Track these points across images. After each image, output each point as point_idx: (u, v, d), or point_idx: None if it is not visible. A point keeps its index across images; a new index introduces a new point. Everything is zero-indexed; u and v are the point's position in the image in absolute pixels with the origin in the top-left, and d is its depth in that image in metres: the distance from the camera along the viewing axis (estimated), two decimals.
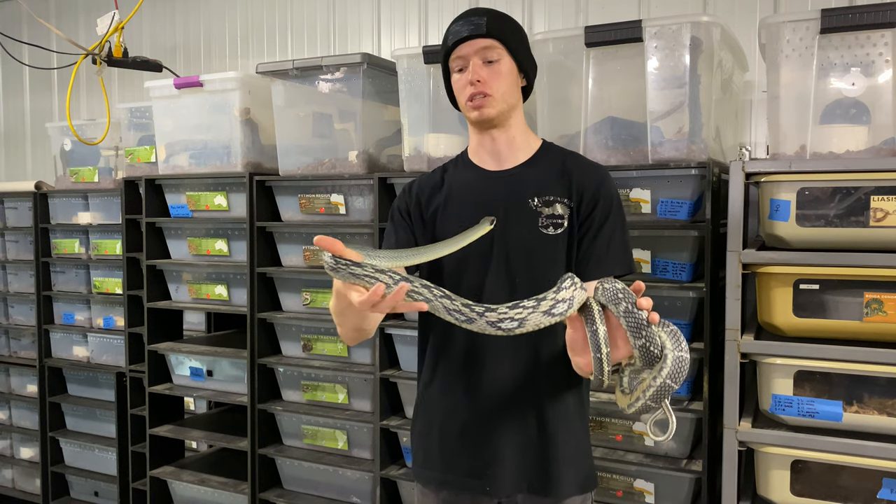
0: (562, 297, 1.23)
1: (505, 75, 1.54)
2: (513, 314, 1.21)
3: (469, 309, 1.22)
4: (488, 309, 1.22)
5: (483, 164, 1.63)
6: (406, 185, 1.71)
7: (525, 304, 1.22)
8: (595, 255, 1.53)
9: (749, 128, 2.82)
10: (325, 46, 3.70)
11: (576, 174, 1.57)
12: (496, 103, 1.53)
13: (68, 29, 4.33)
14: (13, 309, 3.91)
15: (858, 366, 1.79)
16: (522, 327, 1.21)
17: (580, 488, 1.58)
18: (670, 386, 1.19)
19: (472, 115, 1.56)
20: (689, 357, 1.21)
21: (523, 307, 1.22)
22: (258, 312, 2.84)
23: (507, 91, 1.55)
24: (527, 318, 1.21)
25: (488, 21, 1.52)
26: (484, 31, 1.51)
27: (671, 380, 1.19)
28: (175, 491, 3.11)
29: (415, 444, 1.69)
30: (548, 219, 1.55)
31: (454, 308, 1.22)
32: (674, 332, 1.22)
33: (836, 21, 1.84)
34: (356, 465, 2.70)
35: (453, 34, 1.55)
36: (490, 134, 1.60)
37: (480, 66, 1.53)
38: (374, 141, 2.71)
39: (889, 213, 1.76)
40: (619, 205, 1.58)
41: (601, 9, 3.04)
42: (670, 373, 1.19)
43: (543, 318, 1.22)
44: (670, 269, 2.16)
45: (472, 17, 1.54)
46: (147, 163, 3.22)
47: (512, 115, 1.58)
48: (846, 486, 1.85)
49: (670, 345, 1.20)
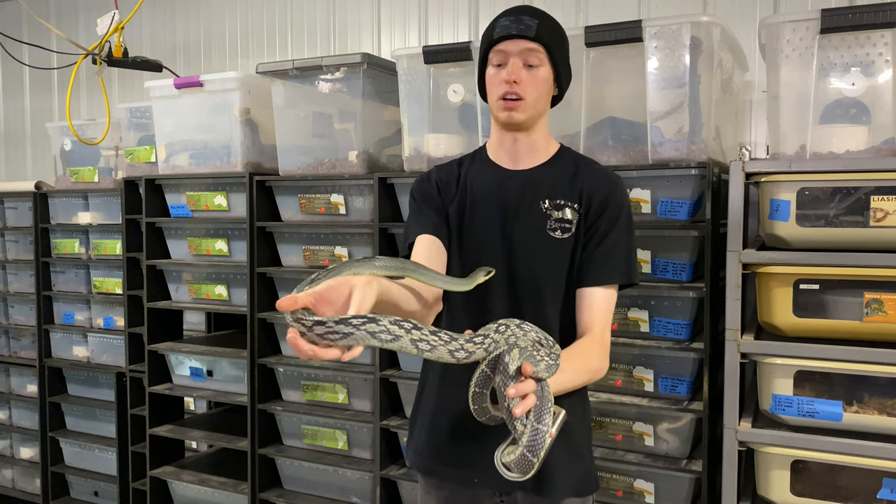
0: (468, 346, 1.18)
1: (541, 82, 1.53)
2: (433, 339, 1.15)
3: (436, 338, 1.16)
4: (453, 338, 1.16)
5: (501, 163, 1.63)
6: (423, 174, 1.69)
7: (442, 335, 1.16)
8: (595, 261, 1.53)
9: (749, 128, 2.82)
10: (325, 46, 3.70)
11: (587, 180, 1.57)
12: (527, 108, 1.52)
13: (68, 29, 4.33)
14: (13, 309, 3.91)
15: (858, 366, 1.79)
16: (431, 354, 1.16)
17: (576, 491, 1.57)
18: (528, 457, 1.17)
19: (502, 116, 1.55)
20: (547, 431, 1.18)
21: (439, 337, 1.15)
22: (258, 312, 2.84)
23: (538, 98, 1.53)
24: (436, 347, 1.15)
25: (539, 25, 1.50)
26: (533, 34, 1.49)
27: (530, 452, 1.17)
28: (175, 491, 3.11)
29: (415, 432, 1.69)
30: (556, 222, 1.55)
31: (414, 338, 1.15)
32: (539, 413, 1.19)
33: (836, 21, 1.84)
34: (356, 465, 2.70)
35: (501, 28, 1.51)
36: (513, 135, 1.59)
37: (520, 68, 1.51)
38: (374, 141, 2.71)
39: (889, 213, 1.76)
40: (629, 215, 1.57)
41: (601, 9, 3.04)
42: (528, 445, 1.18)
43: (447, 355, 1.16)
44: (670, 269, 2.16)
45: (523, 17, 1.51)
46: (147, 163, 3.22)
47: (538, 121, 1.58)
48: (846, 486, 1.85)
49: (529, 430, 1.18)
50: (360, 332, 1.10)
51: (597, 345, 1.48)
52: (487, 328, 1.23)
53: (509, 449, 1.22)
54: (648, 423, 2.21)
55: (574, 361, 1.41)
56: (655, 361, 2.20)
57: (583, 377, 1.46)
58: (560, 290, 1.55)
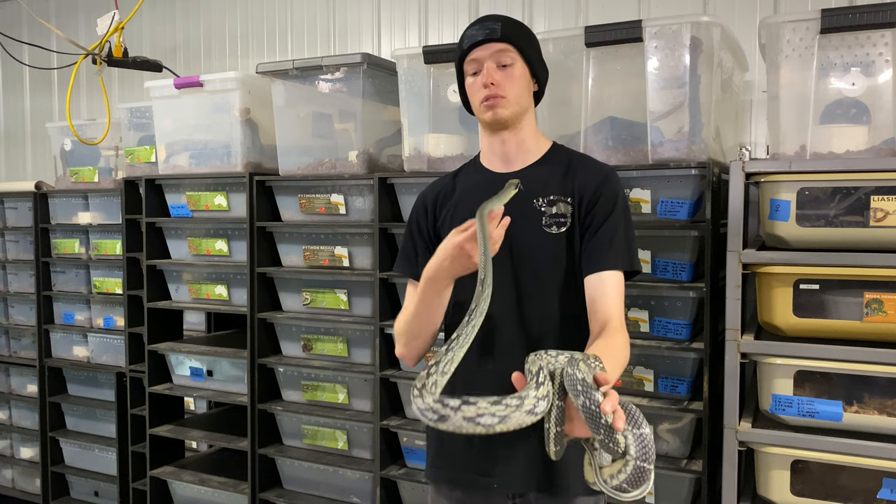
0: (541, 393, 1.13)
1: (518, 79, 1.57)
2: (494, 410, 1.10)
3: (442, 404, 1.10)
4: (465, 402, 1.10)
5: (492, 167, 1.66)
6: (420, 195, 1.75)
7: (508, 401, 1.11)
8: (595, 250, 1.53)
9: (749, 128, 2.82)
10: (325, 46, 3.70)
11: (579, 173, 1.59)
12: (509, 105, 1.56)
13: (68, 29, 4.33)
14: (13, 309, 3.91)
15: (858, 366, 1.79)
16: (504, 424, 1.11)
17: (588, 490, 1.57)
18: (643, 467, 1.12)
19: (486, 116, 1.58)
20: (650, 432, 1.15)
21: (506, 405, 1.10)
22: (258, 312, 2.84)
23: (519, 94, 1.58)
24: (509, 416, 1.10)
25: (503, 26, 1.57)
26: (498, 35, 1.56)
27: (643, 461, 1.11)
28: (175, 491, 3.11)
29: (428, 443, 1.71)
30: (551, 218, 1.57)
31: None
32: (633, 418, 1.14)
33: (836, 21, 1.84)
34: (356, 465, 2.70)
35: (468, 38, 1.59)
36: (501, 136, 1.62)
37: (494, 70, 1.56)
38: (374, 141, 2.71)
39: (889, 213, 1.76)
40: (625, 204, 1.59)
41: (601, 9, 3.04)
42: (639, 455, 1.11)
43: (527, 417, 1.11)
44: (670, 269, 2.16)
45: (487, 23, 1.58)
46: (147, 163, 3.22)
47: (524, 118, 1.61)
48: (846, 486, 1.85)
49: (632, 439, 1.12)
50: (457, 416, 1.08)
51: (619, 335, 1.46)
52: (528, 371, 1.17)
53: (610, 469, 1.14)
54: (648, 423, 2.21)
55: (608, 362, 1.41)
56: (655, 361, 2.20)
57: (617, 373, 1.45)
58: (561, 285, 1.56)
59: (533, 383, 1.14)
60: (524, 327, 1.56)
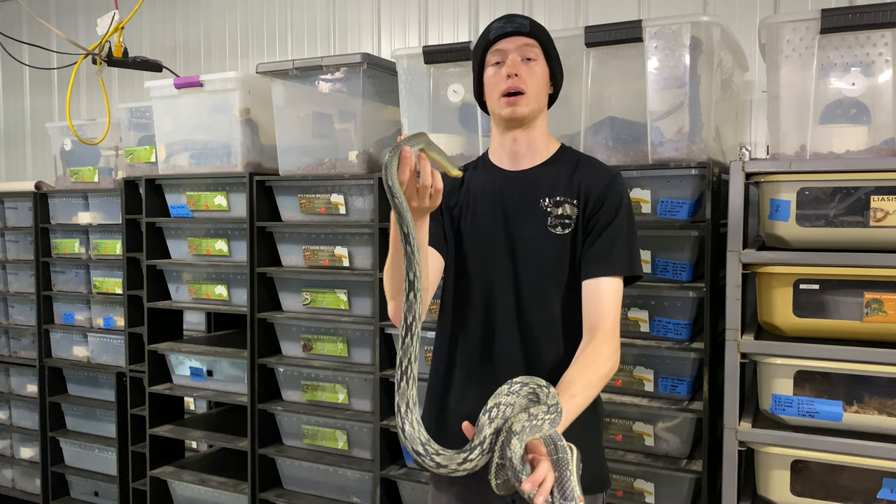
0: (475, 455, 1.24)
1: (539, 76, 1.59)
2: None
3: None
4: None
5: (502, 165, 1.66)
6: None
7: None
8: (595, 254, 1.53)
9: (749, 128, 2.82)
10: (325, 46, 3.70)
11: (585, 176, 1.59)
12: (529, 102, 1.56)
13: (68, 29, 4.33)
14: (13, 309, 3.91)
15: (858, 366, 1.79)
16: None
17: (587, 488, 1.56)
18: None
19: (505, 112, 1.57)
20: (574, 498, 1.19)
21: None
22: (258, 312, 2.84)
23: (539, 91, 1.59)
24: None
25: (531, 23, 1.60)
26: (527, 30, 1.58)
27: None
28: (175, 491, 3.11)
29: None
30: (556, 219, 1.57)
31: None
32: (562, 489, 1.19)
33: (836, 21, 1.84)
34: (356, 465, 2.70)
35: (496, 29, 1.60)
36: (513, 134, 1.62)
37: (519, 62, 1.57)
38: (374, 141, 2.71)
39: (889, 213, 1.76)
40: (629, 209, 1.59)
41: (601, 9, 3.04)
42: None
43: (460, 467, 1.24)
44: (670, 268, 2.16)
45: (515, 18, 1.61)
46: (147, 163, 3.22)
47: (538, 117, 1.62)
48: (846, 486, 1.85)
49: None
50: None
51: (605, 345, 1.47)
52: (480, 422, 1.24)
53: None
54: (648, 423, 2.21)
55: (586, 375, 1.42)
56: (655, 361, 2.20)
57: (598, 387, 1.46)
58: (564, 286, 1.56)
59: (477, 441, 1.23)
60: (524, 325, 1.56)
